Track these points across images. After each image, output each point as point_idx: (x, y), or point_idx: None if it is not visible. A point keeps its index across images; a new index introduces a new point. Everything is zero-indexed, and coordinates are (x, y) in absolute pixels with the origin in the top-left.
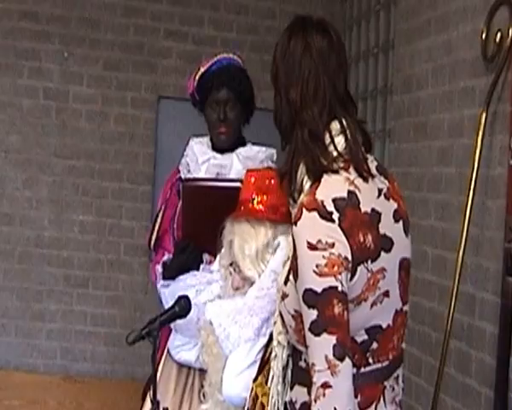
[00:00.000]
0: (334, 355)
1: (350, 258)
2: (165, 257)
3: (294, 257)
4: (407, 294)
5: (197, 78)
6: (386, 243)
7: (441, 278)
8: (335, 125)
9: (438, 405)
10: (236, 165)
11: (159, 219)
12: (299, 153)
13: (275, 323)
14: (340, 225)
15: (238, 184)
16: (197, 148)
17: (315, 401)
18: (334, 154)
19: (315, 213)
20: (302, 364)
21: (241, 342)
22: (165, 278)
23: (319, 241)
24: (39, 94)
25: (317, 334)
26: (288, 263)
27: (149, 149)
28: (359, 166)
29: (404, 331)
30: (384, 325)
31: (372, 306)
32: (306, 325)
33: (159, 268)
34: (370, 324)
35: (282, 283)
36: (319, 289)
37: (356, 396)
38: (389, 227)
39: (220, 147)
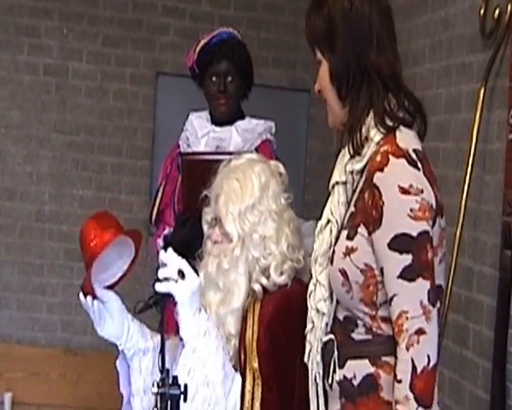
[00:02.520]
0: (428, 300)
1: (434, 206)
2: (166, 231)
3: (375, 205)
4: None
5: (197, 50)
6: (443, 211)
7: None
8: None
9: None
10: (235, 138)
11: (159, 194)
12: (370, 104)
13: (310, 293)
14: (424, 173)
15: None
16: (196, 122)
17: (407, 349)
18: (402, 114)
19: (403, 160)
20: (356, 335)
21: (222, 389)
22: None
23: (411, 186)
24: (39, 70)
25: (412, 279)
26: (329, 226)
27: (148, 124)
28: (422, 129)
29: None
30: (443, 286)
31: (440, 262)
32: (396, 273)
33: (160, 242)
34: (437, 282)
35: (322, 240)
36: (414, 234)
37: None
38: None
39: (219, 119)
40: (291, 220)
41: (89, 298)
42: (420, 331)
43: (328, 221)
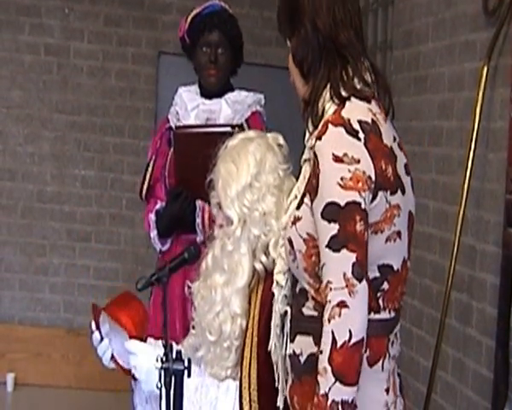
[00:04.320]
0: (352, 274)
1: (373, 178)
2: (158, 205)
3: (315, 174)
4: (410, 249)
5: (189, 19)
6: (401, 186)
7: (442, 230)
8: (365, 61)
9: (439, 355)
10: (225, 109)
11: (150, 169)
12: (326, 79)
13: (275, 265)
14: (365, 144)
15: (229, 129)
16: (186, 95)
17: (328, 321)
18: (359, 85)
19: (341, 129)
20: (305, 310)
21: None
22: (158, 226)
23: (345, 154)
24: (40, 50)
25: (336, 249)
26: (296, 201)
27: (150, 104)
28: (386, 101)
29: (405, 289)
30: (395, 267)
31: (387, 241)
32: (324, 242)
33: (152, 217)
34: (383, 261)
35: (287, 214)
36: (342, 203)
37: (364, 351)
38: (402, 174)
39: (209, 90)
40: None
41: (97, 333)
42: (342, 304)
43: (296, 196)
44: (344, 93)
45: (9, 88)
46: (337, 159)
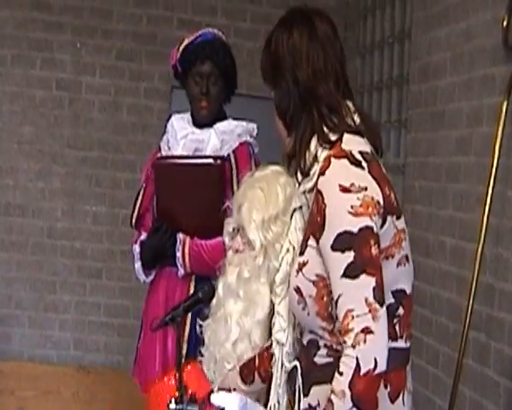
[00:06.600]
0: (374, 298)
1: (382, 203)
2: (143, 236)
3: (319, 211)
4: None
5: (181, 49)
6: (401, 212)
7: (459, 268)
8: (350, 104)
9: (456, 396)
10: (214, 140)
11: (140, 198)
12: (312, 128)
13: (273, 324)
14: (369, 172)
15: (211, 161)
16: (177, 123)
17: (353, 347)
18: (352, 124)
19: (345, 160)
20: (318, 359)
21: None
22: (142, 257)
23: (352, 184)
24: (52, 85)
25: (355, 276)
26: (288, 255)
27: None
28: (375, 140)
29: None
30: (407, 292)
31: (398, 265)
32: (340, 272)
33: (136, 248)
34: (396, 286)
35: (281, 271)
36: (355, 230)
37: (385, 387)
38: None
39: (201, 122)
40: None
41: None
42: (366, 330)
43: (288, 250)
44: (334, 137)
45: (20, 123)
46: (345, 189)
